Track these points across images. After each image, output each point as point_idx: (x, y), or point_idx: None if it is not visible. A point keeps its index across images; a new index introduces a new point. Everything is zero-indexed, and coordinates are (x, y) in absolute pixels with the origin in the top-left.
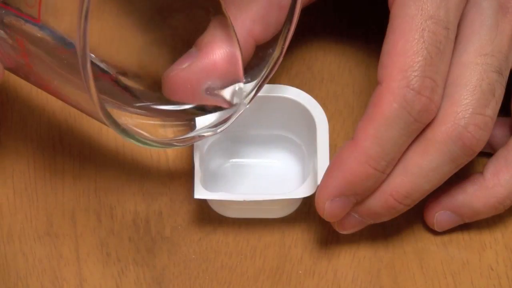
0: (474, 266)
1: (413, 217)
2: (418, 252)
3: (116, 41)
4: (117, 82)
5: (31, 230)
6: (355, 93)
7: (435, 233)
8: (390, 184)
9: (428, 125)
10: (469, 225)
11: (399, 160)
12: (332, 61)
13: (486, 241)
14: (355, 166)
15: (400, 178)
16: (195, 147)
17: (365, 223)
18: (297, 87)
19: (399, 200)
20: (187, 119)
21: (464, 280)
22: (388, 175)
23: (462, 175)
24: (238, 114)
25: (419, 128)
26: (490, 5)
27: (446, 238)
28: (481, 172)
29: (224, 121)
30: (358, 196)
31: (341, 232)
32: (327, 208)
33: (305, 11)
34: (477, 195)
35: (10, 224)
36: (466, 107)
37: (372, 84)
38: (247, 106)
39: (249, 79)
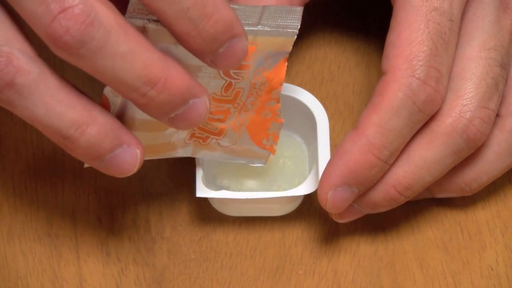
0: (474, 266)
1: (413, 217)
2: (418, 252)
3: None
4: None
5: (31, 230)
6: (355, 93)
7: (435, 233)
8: (393, 175)
9: (432, 117)
10: (469, 225)
11: (402, 151)
12: (332, 61)
13: (486, 241)
14: (358, 155)
15: (402, 170)
16: None
17: (363, 213)
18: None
19: (401, 191)
20: None
21: (464, 280)
22: (391, 166)
23: None
24: None
25: (423, 119)
26: (491, 1)
27: (446, 238)
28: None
29: None
30: (361, 186)
31: (337, 221)
32: (329, 198)
33: (305, 10)
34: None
35: (10, 224)
36: (471, 101)
37: (372, 84)
38: None
39: None
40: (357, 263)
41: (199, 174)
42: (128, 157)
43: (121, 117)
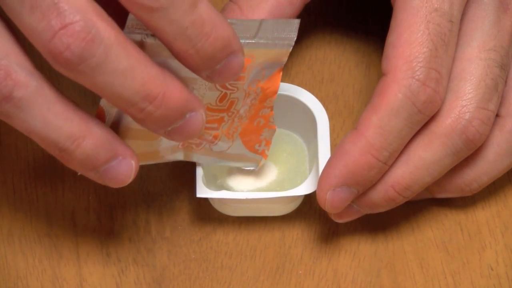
0: (474, 266)
1: (413, 217)
2: (418, 252)
3: None
4: None
5: (31, 230)
6: (355, 93)
7: (435, 233)
8: (392, 176)
9: (432, 118)
10: (469, 225)
11: (401, 152)
12: (332, 61)
13: (486, 241)
14: (357, 156)
15: (401, 170)
16: None
17: (362, 213)
18: None
19: (400, 192)
20: None
21: (464, 280)
22: (390, 166)
23: None
24: None
25: (423, 120)
26: (491, 1)
27: (446, 238)
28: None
29: None
30: (360, 187)
31: (336, 221)
32: (328, 198)
33: (305, 11)
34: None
35: (10, 224)
36: (470, 101)
37: (372, 84)
38: None
39: None
40: (357, 263)
41: (199, 174)
42: (123, 169)
43: (116, 127)
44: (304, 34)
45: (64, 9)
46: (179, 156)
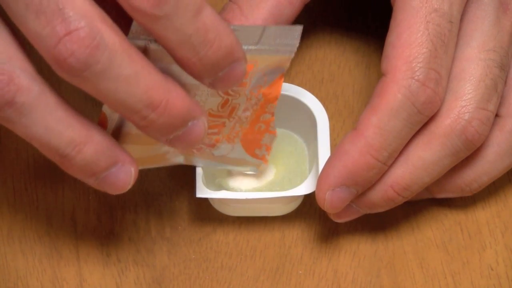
0: (474, 266)
1: (413, 217)
2: (418, 252)
3: None
4: None
5: (31, 230)
6: (355, 93)
7: (435, 233)
8: (391, 176)
9: (431, 119)
10: (469, 225)
11: (400, 152)
12: (332, 61)
13: (486, 241)
14: (357, 156)
15: (401, 170)
16: None
17: (361, 213)
18: None
19: (399, 192)
20: None
21: (464, 280)
22: (390, 166)
23: None
24: None
25: (422, 121)
26: (490, 2)
27: (446, 238)
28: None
29: None
30: (359, 187)
31: (335, 221)
32: (327, 198)
33: (305, 11)
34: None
35: (10, 224)
36: (470, 102)
37: (372, 84)
38: None
39: None
40: (357, 263)
41: (199, 174)
42: (122, 175)
43: (118, 132)
44: (304, 34)
45: (69, 15)
46: (180, 160)
